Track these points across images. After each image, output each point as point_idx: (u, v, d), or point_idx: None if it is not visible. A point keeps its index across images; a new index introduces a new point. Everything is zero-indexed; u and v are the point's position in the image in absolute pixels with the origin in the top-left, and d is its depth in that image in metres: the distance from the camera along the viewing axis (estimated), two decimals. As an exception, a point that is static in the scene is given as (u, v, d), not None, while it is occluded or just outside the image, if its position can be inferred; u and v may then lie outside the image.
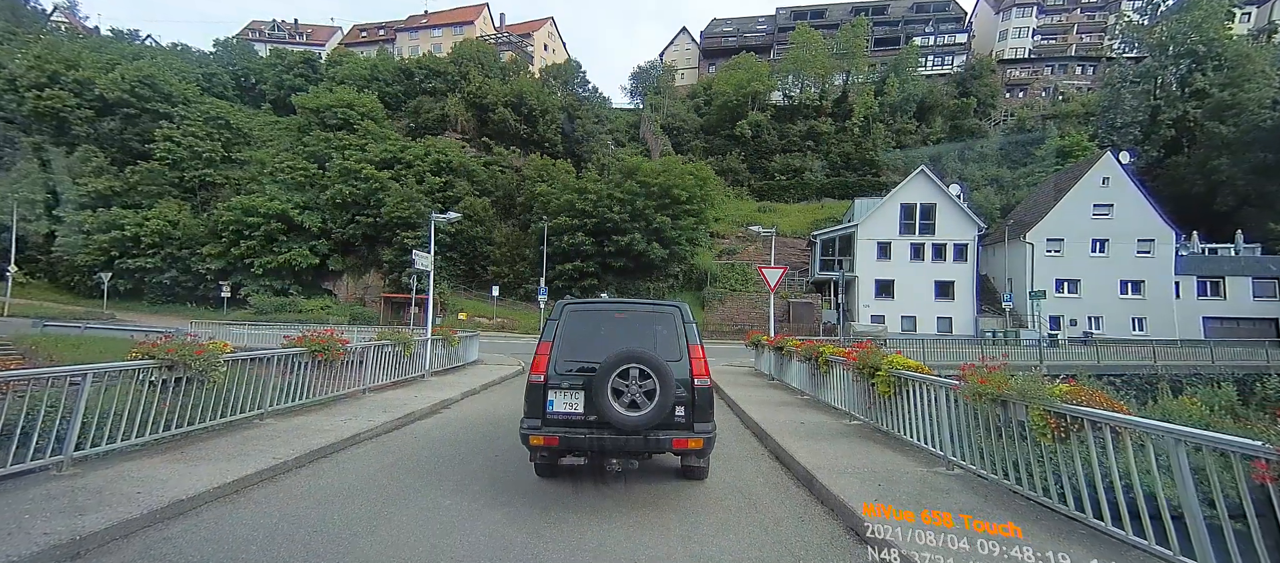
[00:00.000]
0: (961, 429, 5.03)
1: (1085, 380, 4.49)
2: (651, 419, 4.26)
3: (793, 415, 8.05)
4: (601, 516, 4.26)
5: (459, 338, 12.98)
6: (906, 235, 35.08)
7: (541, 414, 4.53)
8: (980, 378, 4.54)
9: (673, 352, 4.62)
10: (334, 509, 4.27)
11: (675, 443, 4.44)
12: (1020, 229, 35.64)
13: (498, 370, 13.92)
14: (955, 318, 34.85)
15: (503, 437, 6.93)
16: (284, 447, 5.63)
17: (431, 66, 54.28)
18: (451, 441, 6.80)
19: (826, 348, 8.51)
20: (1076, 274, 35.05)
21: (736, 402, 9.55)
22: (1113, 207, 35.04)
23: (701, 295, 37.40)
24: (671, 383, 4.31)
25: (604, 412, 4.28)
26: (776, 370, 12.13)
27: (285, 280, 37.39)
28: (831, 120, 54.23)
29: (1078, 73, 63.45)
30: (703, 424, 4.53)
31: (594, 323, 4.95)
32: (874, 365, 6.51)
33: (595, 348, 4.58)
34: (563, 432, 4.45)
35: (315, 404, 7.89)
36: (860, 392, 7.22)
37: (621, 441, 4.35)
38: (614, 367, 4.33)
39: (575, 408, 4.51)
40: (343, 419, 7.10)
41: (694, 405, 4.52)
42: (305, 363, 7.79)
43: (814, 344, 9.05)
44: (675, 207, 36.89)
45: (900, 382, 6.14)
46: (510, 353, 19.95)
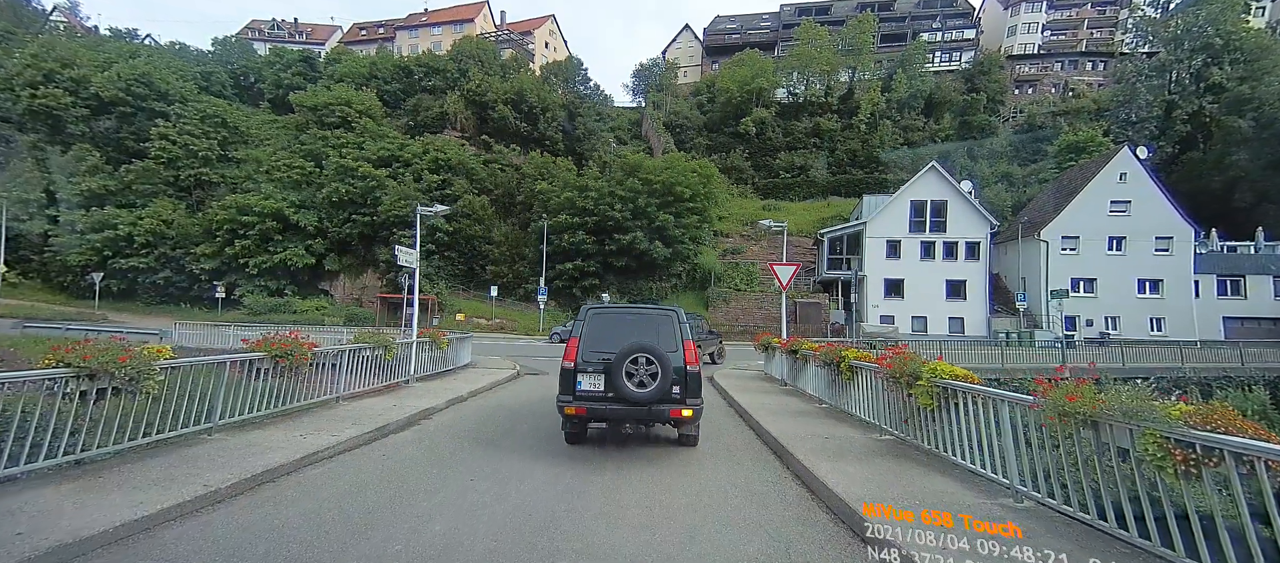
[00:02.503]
0: (1035, 454, 4.16)
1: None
2: (655, 395, 5.64)
3: (814, 428, 7.17)
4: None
5: (448, 340, 12.12)
6: (917, 233, 34.10)
7: (573, 391, 5.92)
8: (1068, 394, 3.66)
9: (671, 345, 5.96)
10: (254, 560, 3.41)
11: (672, 412, 5.81)
12: (1034, 227, 34.64)
13: (490, 375, 13.06)
14: (967, 318, 33.85)
15: (485, 453, 6.09)
16: (221, 471, 4.78)
17: (430, 64, 53.59)
18: (425, 460, 5.94)
19: (850, 352, 7.62)
20: (1093, 273, 34.02)
21: (748, 411, 8.67)
22: (1130, 203, 34.01)
23: (705, 295, 36.51)
24: (670, 368, 5.66)
25: (619, 389, 5.65)
26: (790, 376, 11.24)
27: (281, 280, 36.65)
28: (837, 117, 53.28)
29: (1088, 69, 62.27)
30: (693, 399, 5.90)
31: (611, 322, 6.30)
32: (913, 374, 5.62)
33: (612, 341, 5.89)
34: (588, 404, 5.88)
35: (278, 415, 7.05)
36: (893, 403, 6.33)
37: (632, 411, 5.78)
38: (627, 355, 5.70)
39: (597, 386, 5.88)
40: (301, 434, 6.25)
41: (686, 385, 5.88)
42: (267, 369, 6.97)
43: (834, 347, 8.16)
44: (678, 204, 36.01)
45: (946, 393, 5.25)
46: (507, 356, 19.08)
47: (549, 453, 6.15)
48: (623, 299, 35.03)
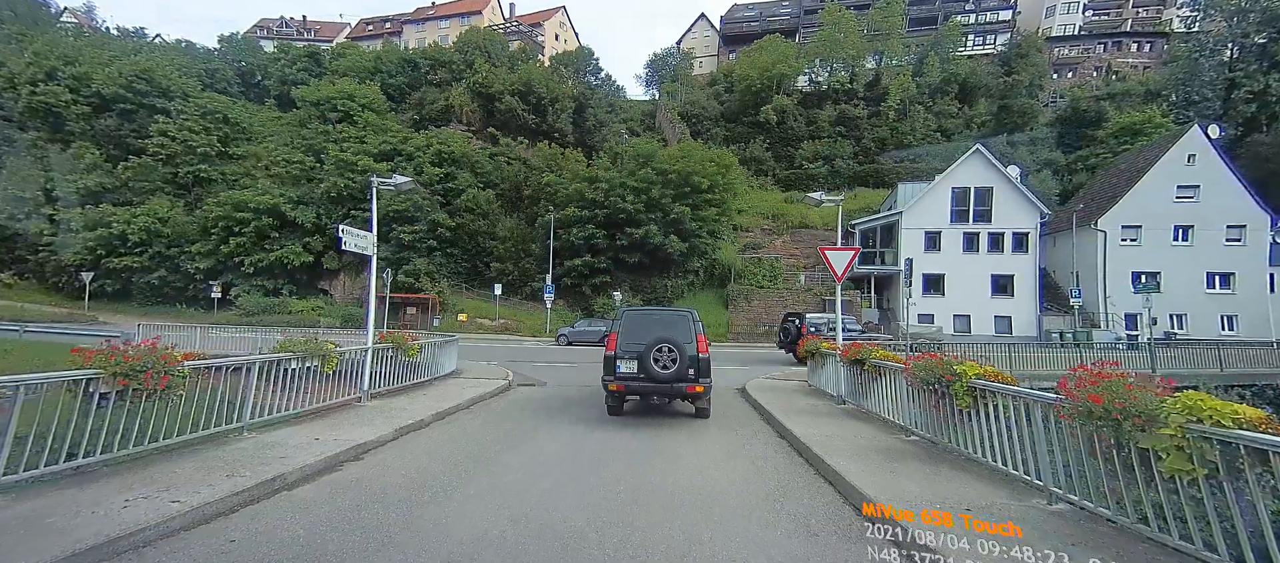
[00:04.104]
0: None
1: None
2: (675, 375, 7.64)
3: (922, 480, 4.67)
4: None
5: (418, 346, 9.80)
6: (958, 224, 31.13)
7: (614, 372, 7.93)
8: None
9: (687, 337, 7.89)
10: None
11: (688, 389, 7.76)
12: (1090, 215, 31.44)
13: (474, 388, 10.73)
14: (1015, 317, 30.78)
15: (412, 534, 3.71)
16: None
17: (436, 57, 51.81)
18: (298, 548, 3.57)
19: (970, 368, 5.11)
20: (1156, 266, 30.69)
21: (808, 443, 6.18)
22: (1199, 188, 30.74)
23: (725, 293, 33.91)
24: (686, 355, 7.67)
25: (648, 370, 7.65)
26: (851, 391, 8.72)
27: (278, 280, 34.92)
28: (864, 104, 50.21)
29: (1133, 49, 58.33)
30: (704, 378, 7.87)
31: (642, 321, 8.45)
32: (1143, 413, 3.10)
33: (643, 334, 7.93)
34: (625, 382, 7.90)
35: (126, 462, 4.78)
36: (1081, 455, 3.82)
37: (658, 386, 7.75)
38: (653, 345, 7.68)
39: (632, 369, 7.84)
40: (123, 503, 3.93)
41: (698, 367, 7.81)
42: (109, 396, 4.72)
43: (938, 360, 5.64)
44: (695, 196, 33.44)
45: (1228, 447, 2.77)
46: (507, 360, 16.78)
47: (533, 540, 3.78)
48: (636, 298, 32.73)
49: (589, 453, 6.33)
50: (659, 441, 6.97)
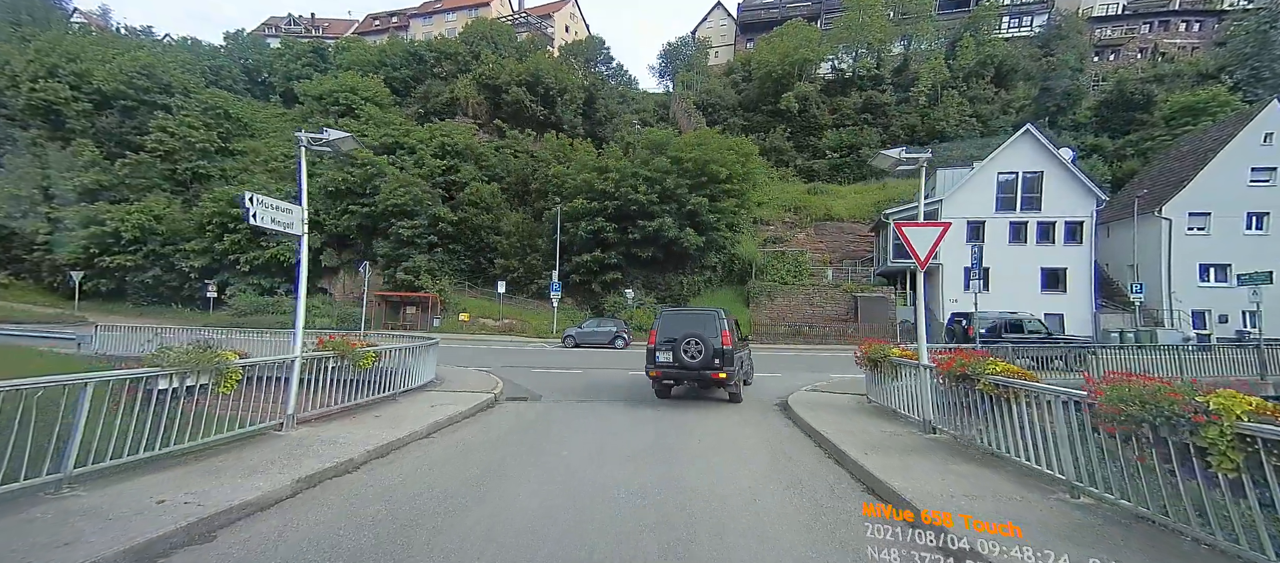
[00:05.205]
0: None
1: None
2: (703, 364, 9.09)
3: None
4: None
5: (372, 354, 7.67)
6: (1004, 212, 28.31)
7: (654, 361, 9.44)
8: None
9: (713, 333, 9.23)
10: None
11: (713, 375, 9.11)
12: (1152, 202, 28.42)
13: (449, 405, 8.58)
14: (1068, 314, 27.84)
15: None
16: None
17: (441, 49, 50.11)
18: None
19: (1239, 403, 2.80)
20: (1226, 257, 27.67)
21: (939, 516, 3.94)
22: (1276, 171, 27.61)
23: (745, 290, 31.48)
24: (711, 346, 9.10)
25: (681, 360, 9.13)
26: (946, 417, 6.38)
27: (274, 278, 33.37)
28: (892, 90, 47.31)
29: (1181, 29, 54.49)
30: (728, 367, 9.09)
31: (676, 318, 9.85)
32: None
33: (676, 329, 9.41)
34: (662, 369, 9.41)
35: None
36: None
37: (689, 373, 9.23)
38: (684, 339, 9.17)
39: (668, 359, 9.29)
40: None
41: (722, 357, 9.08)
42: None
43: (1158, 387, 3.32)
44: (713, 186, 31.07)
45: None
46: (503, 366, 14.68)
47: None
48: (648, 296, 30.56)
49: (565, 522, 4.13)
50: (679, 495, 4.73)
